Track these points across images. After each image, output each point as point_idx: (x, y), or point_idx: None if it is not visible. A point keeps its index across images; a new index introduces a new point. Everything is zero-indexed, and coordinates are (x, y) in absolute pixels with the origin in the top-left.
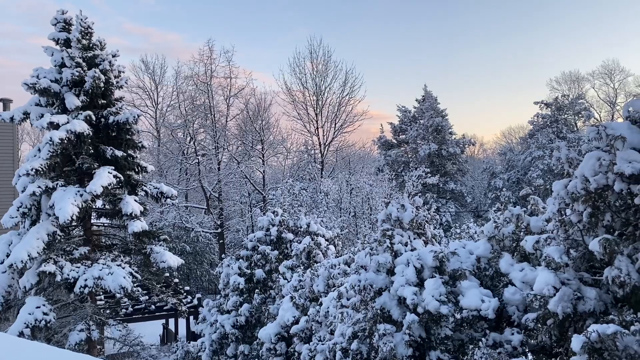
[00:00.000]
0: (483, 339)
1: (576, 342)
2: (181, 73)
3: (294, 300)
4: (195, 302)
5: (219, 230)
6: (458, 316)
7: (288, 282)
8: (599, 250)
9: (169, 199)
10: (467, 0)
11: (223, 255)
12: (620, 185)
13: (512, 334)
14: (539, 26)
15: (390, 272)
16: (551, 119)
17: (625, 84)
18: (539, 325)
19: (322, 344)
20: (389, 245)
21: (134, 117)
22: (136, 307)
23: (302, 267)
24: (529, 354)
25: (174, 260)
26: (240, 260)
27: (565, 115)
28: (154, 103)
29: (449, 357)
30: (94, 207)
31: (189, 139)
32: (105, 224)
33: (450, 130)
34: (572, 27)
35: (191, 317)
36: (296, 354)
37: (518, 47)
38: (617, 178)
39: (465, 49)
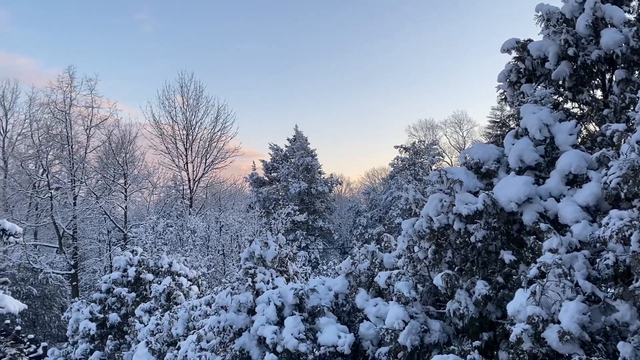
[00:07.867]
0: None
1: None
2: (36, 100)
3: (149, 345)
4: (40, 351)
5: (73, 271)
6: (317, 353)
7: (145, 326)
8: (442, 285)
9: (12, 237)
10: (333, 47)
11: (76, 299)
12: (459, 224)
13: None
14: (401, 74)
15: (252, 311)
16: (409, 162)
17: (472, 133)
18: (391, 359)
19: None
20: (251, 284)
21: None
22: None
23: (160, 310)
24: None
25: (15, 306)
26: (93, 304)
27: (422, 159)
28: (2, 131)
29: None
30: None
31: (41, 170)
32: None
33: (319, 169)
34: (429, 78)
35: None
36: None
37: (382, 93)
38: (456, 218)
39: (335, 93)
